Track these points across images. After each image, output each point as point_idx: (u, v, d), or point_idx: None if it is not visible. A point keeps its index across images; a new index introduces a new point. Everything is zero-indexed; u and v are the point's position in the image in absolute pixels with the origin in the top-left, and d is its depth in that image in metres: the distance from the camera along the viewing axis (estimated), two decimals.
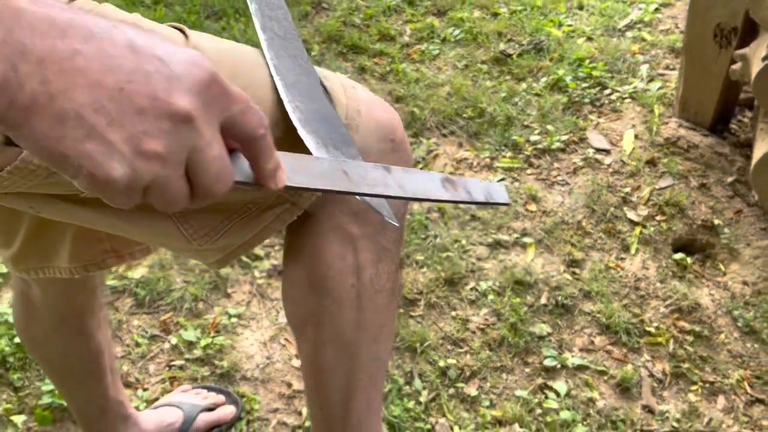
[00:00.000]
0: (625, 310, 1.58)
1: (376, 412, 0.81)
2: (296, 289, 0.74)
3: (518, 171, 1.89)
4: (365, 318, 0.72)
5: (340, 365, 0.74)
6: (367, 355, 0.74)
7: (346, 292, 0.70)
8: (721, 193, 1.83)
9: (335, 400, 0.76)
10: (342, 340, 0.72)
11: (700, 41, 1.84)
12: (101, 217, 0.69)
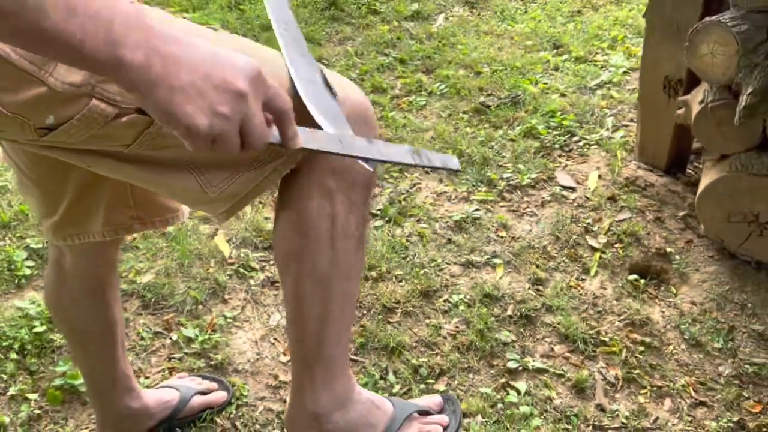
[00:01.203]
0: (583, 322, 1.74)
1: (344, 349, 0.98)
2: (283, 230, 0.92)
3: (492, 203, 2.09)
4: (338, 257, 0.90)
5: (316, 296, 0.91)
6: (339, 289, 0.92)
7: (323, 234, 0.89)
8: (674, 226, 2.02)
9: (311, 331, 0.94)
10: (318, 273, 0.90)
11: (652, 93, 2.09)
12: (139, 172, 0.89)
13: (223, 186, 0.90)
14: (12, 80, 0.76)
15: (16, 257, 1.74)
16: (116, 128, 0.82)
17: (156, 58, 0.60)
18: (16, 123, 0.80)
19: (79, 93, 0.78)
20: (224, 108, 0.63)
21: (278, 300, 1.76)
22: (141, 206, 1.10)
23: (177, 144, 0.85)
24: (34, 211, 1.13)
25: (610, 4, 3.47)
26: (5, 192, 1.95)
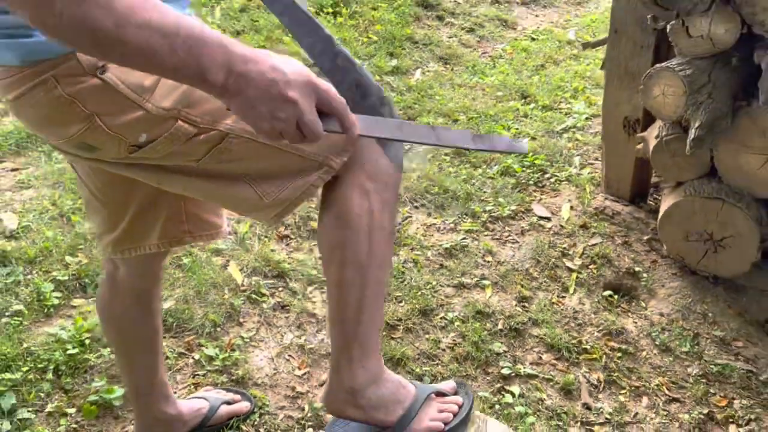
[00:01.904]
0: (566, 333, 1.94)
1: (376, 331, 1.15)
2: (328, 226, 1.10)
3: (477, 233, 2.30)
4: (374, 248, 1.08)
5: (355, 282, 1.09)
6: (374, 277, 1.10)
7: (362, 227, 1.07)
8: (640, 248, 2.26)
9: (350, 313, 1.11)
10: (358, 261, 1.08)
11: (614, 132, 2.36)
12: (205, 185, 1.07)
13: (276, 194, 1.08)
14: (117, 106, 0.95)
15: (44, 288, 1.87)
16: (193, 145, 1.01)
17: (233, 78, 0.80)
18: (115, 141, 0.98)
19: (168, 116, 0.97)
20: (281, 113, 0.83)
21: (289, 321, 1.92)
22: (192, 221, 1.27)
23: (238, 159, 1.04)
24: (96, 230, 1.27)
25: (569, 60, 3.81)
26: (29, 231, 2.08)
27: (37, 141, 2.45)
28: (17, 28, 0.89)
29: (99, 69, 0.92)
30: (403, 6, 3.96)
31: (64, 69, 0.91)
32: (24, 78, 0.92)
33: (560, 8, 4.53)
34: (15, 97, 0.95)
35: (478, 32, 4.01)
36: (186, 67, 0.77)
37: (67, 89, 0.92)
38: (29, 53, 0.91)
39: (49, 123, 0.99)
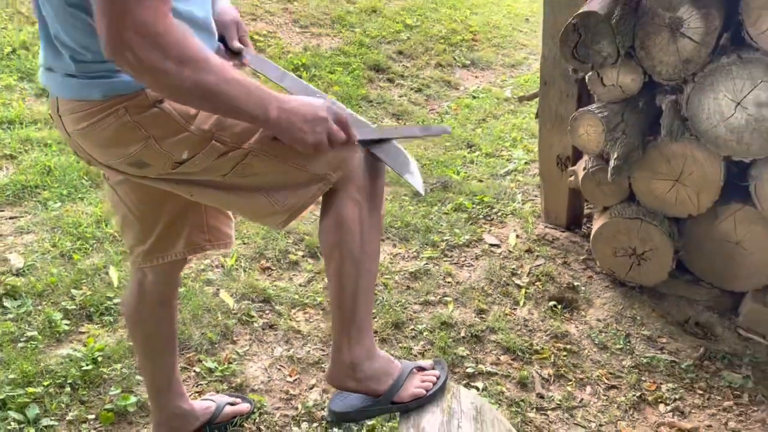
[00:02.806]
0: (519, 338, 2.24)
1: (369, 314, 1.43)
2: (328, 229, 1.38)
3: (437, 259, 2.62)
4: (365, 245, 1.37)
5: (352, 273, 1.37)
6: (366, 269, 1.38)
7: (356, 228, 1.36)
8: (577, 266, 2.61)
9: (347, 300, 1.38)
10: (354, 257, 1.36)
11: (549, 169, 2.74)
12: (228, 196, 1.35)
13: (286, 202, 1.37)
14: (169, 129, 1.23)
15: (54, 317, 2.06)
16: (222, 161, 1.29)
17: (282, 113, 1.12)
18: (164, 158, 1.26)
19: (206, 137, 1.26)
20: (318, 128, 1.16)
21: (278, 338, 2.16)
22: (211, 232, 1.54)
23: (256, 173, 1.33)
24: (130, 243, 1.50)
25: (507, 114, 4.26)
26: (34, 269, 2.27)
27: (33, 192, 2.66)
28: (100, 72, 1.17)
29: (158, 101, 1.21)
30: (357, 70, 4.37)
31: (134, 102, 1.20)
32: (101, 109, 1.20)
33: (497, 70, 5.04)
34: (89, 125, 1.22)
35: (426, 92, 4.44)
36: (254, 110, 1.10)
37: (134, 117, 1.20)
38: (110, 90, 1.18)
39: (113, 144, 1.25)
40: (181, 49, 1.01)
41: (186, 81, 1.02)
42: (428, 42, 5.04)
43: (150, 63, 1.00)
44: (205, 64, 1.04)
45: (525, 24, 5.92)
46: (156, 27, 0.98)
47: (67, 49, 1.18)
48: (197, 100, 1.08)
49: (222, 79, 1.05)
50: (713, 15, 1.98)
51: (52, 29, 1.19)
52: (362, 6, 5.31)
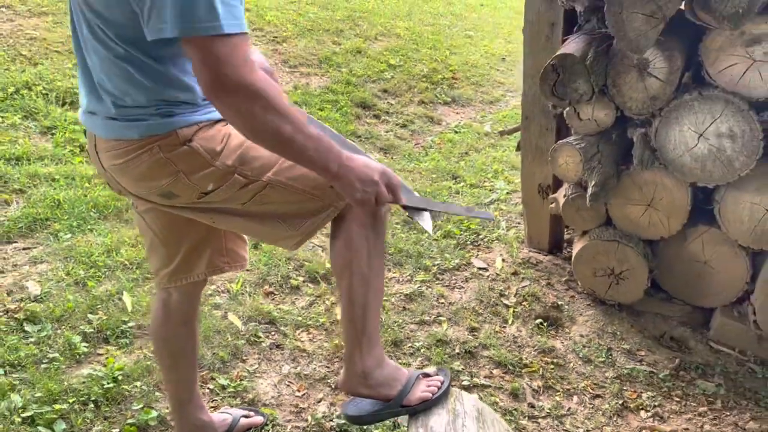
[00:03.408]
0: (509, 353, 2.41)
1: (378, 325, 1.58)
2: (338, 250, 1.54)
3: (429, 282, 2.79)
4: (373, 263, 1.53)
5: (361, 290, 1.52)
6: (374, 284, 1.54)
7: (363, 249, 1.52)
8: (561, 287, 2.80)
9: (358, 313, 1.54)
10: (363, 274, 1.52)
11: (531, 196, 2.95)
12: (246, 223, 1.51)
13: (299, 227, 1.53)
14: (197, 164, 1.39)
15: (74, 340, 2.18)
16: (243, 192, 1.45)
17: (341, 169, 1.30)
18: (191, 189, 1.41)
19: (229, 171, 1.42)
20: (369, 189, 1.33)
21: (285, 357, 2.30)
22: (230, 255, 1.70)
23: (273, 202, 1.49)
24: (155, 265, 1.64)
25: (488, 148, 4.49)
26: (51, 296, 2.39)
27: (44, 224, 2.79)
28: (138, 115, 1.33)
29: (188, 140, 1.37)
30: (345, 107, 4.58)
31: (167, 140, 1.35)
32: (137, 147, 1.35)
33: (476, 107, 5.29)
34: (125, 161, 1.37)
35: (410, 127, 4.66)
36: (318, 162, 1.28)
37: (166, 154, 1.36)
38: (146, 130, 1.34)
39: (147, 178, 1.40)
40: (268, 98, 1.19)
41: (268, 126, 1.20)
42: (411, 80, 5.30)
43: (242, 107, 1.17)
44: (287, 114, 1.22)
45: (501, 63, 6.22)
46: (248, 77, 1.16)
47: (109, 95, 1.33)
48: (271, 143, 1.25)
49: (298, 130, 1.23)
50: (676, 56, 2.22)
51: (96, 77, 1.35)
52: (348, 47, 5.56)
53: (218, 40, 1.15)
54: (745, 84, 2.14)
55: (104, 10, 1.25)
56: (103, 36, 1.27)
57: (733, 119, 2.16)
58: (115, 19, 1.25)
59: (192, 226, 1.60)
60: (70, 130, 3.51)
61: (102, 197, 3.00)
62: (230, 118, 1.22)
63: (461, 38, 6.64)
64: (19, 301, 2.34)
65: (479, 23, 7.47)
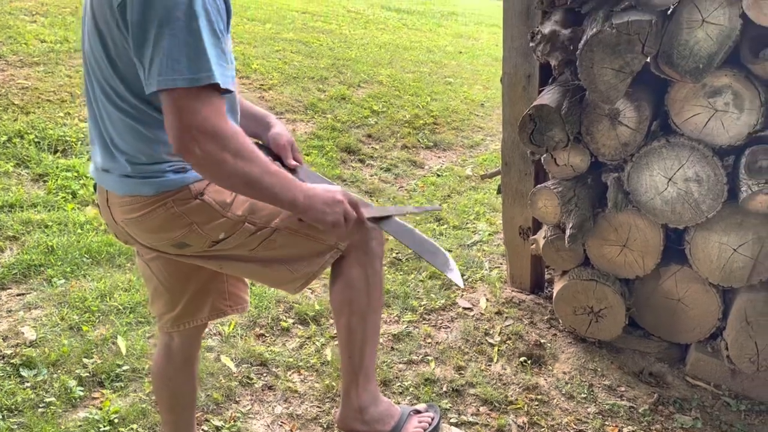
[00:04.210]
0: (495, 391, 2.49)
1: (374, 361, 1.67)
2: (338, 289, 1.63)
3: (416, 322, 2.87)
4: (370, 300, 1.63)
5: (359, 327, 1.61)
6: (372, 322, 1.63)
7: (362, 287, 1.62)
8: (543, 326, 2.90)
9: (356, 349, 1.62)
10: (361, 311, 1.61)
11: (513, 238, 3.07)
12: (252, 267, 1.60)
13: (303, 270, 1.63)
14: (209, 216, 1.49)
15: (69, 384, 2.22)
16: (252, 239, 1.55)
17: (306, 199, 1.39)
18: (203, 239, 1.51)
19: (239, 220, 1.52)
20: (337, 209, 1.42)
21: (277, 398, 2.36)
22: (232, 298, 1.78)
23: (278, 247, 1.58)
24: (159, 311, 1.71)
25: (469, 190, 4.63)
26: (47, 341, 2.44)
27: (37, 270, 2.84)
28: (152, 172, 1.42)
29: (200, 194, 1.47)
30: (330, 152, 4.71)
31: (180, 195, 1.45)
32: (153, 203, 1.44)
33: (457, 151, 5.46)
34: (140, 215, 1.46)
35: (394, 171, 4.79)
36: (286, 198, 1.36)
37: (180, 208, 1.45)
38: (160, 187, 1.43)
39: (161, 230, 1.49)
40: (236, 144, 1.28)
41: (238, 170, 1.29)
42: (394, 126, 5.46)
43: (212, 155, 1.26)
44: (253, 157, 1.31)
45: (480, 108, 6.43)
46: (217, 126, 1.25)
47: (123, 154, 1.42)
48: (242, 186, 1.34)
49: (264, 171, 1.33)
50: (644, 106, 2.38)
51: (108, 137, 1.44)
52: (332, 94, 5.73)
53: (191, 91, 1.21)
54: (709, 132, 2.29)
55: (114, 70, 1.35)
56: (115, 96, 1.37)
57: (699, 165, 2.31)
58: (125, 77, 1.35)
59: (196, 273, 1.68)
60: (62, 177, 3.59)
61: (95, 243, 3.06)
62: (200, 168, 1.28)
63: (442, 85, 6.86)
64: (15, 347, 2.38)
65: (458, 70, 7.72)
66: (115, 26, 1.29)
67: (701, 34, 2.15)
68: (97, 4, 1.32)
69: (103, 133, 1.44)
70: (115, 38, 1.31)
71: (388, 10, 11.45)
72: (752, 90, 2.19)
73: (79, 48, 5.16)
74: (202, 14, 1.23)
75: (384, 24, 9.97)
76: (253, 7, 8.62)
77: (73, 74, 4.78)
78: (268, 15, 8.37)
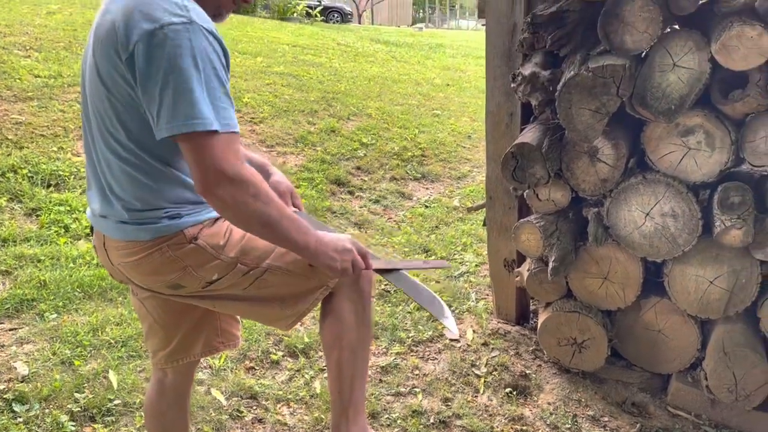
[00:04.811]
0: (481, 422, 2.53)
1: (364, 395, 1.72)
2: (329, 324, 1.69)
3: (405, 354, 2.92)
4: (360, 336, 1.68)
5: (350, 361, 1.67)
6: (361, 356, 1.69)
7: (353, 323, 1.67)
8: (528, 357, 2.96)
9: (346, 385, 1.67)
10: (351, 346, 1.67)
11: (498, 270, 3.14)
12: (245, 306, 1.66)
13: (294, 307, 1.68)
14: (203, 259, 1.55)
15: (61, 419, 2.25)
16: (245, 278, 1.61)
17: (319, 245, 1.47)
18: (197, 281, 1.56)
19: (232, 261, 1.58)
20: (345, 257, 1.50)
21: (267, 431, 2.39)
22: (224, 335, 1.83)
23: (270, 286, 1.64)
24: (153, 348, 1.75)
25: (457, 221, 4.71)
26: (39, 375, 2.47)
27: (30, 304, 2.88)
28: (149, 218, 1.48)
29: (194, 238, 1.53)
30: (320, 184, 4.80)
31: (175, 240, 1.51)
32: (149, 247, 1.50)
33: (445, 182, 5.56)
34: (137, 259, 1.52)
35: (383, 202, 4.88)
36: (299, 242, 1.44)
37: (175, 252, 1.51)
38: (156, 232, 1.49)
39: (157, 273, 1.55)
40: (255, 187, 1.36)
41: (256, 212, 1.36)
42: (383, 158, 5.56)
43: (233, 198, 1.33)
44: (271, 200, 1.38)
45: (467, 140, 6.55)
46: (237, 169, 1.33)
47: (121, 201, 1.49)
48: (259, 228, 1.40)
49: (281, 214, 1.40)
50: (621, 144, 2.48)
51: (107, 184, 1.51)
52: (322, 127, 5.84)
53: (212, 136, 1.31)
54: (683, 169, 2.39)
55: (118, 120, 1.42)
56: (116, 146, 1.44)
57: (674, 200, 2.40)
58: (129, 127, 1.42)
59: (190, 311, 1.74)
60: (54, 212, 3.64)
61: (87, 277, 3.11)
62: (222, 209, 1.36)
63: (429, 117, 6.99)
64: (8, 381, 2.41)
65: (446, 102, 7.87)
66: (121, 79, 1.36)
67: (673, 77, 2.26)
68: (102, 57, 1.39)
69: (102, 180, 1.50)
70: (121, 90, 1.38)
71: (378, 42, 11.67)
72: (723, 129, 2.29)
73: (73, 83, 5.26)
74: (207, 62, 1.31)
75: (373, 57, 10.16)
76: (245, 41, 8.77)
77: (67, 109, 4.86)
78: (259, 48, 8.52)
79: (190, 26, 1.31)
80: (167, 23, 1.30)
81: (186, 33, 1.30)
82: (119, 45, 1.34)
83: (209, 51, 1.33)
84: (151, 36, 1.29)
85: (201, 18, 1.35)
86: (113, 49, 1.35)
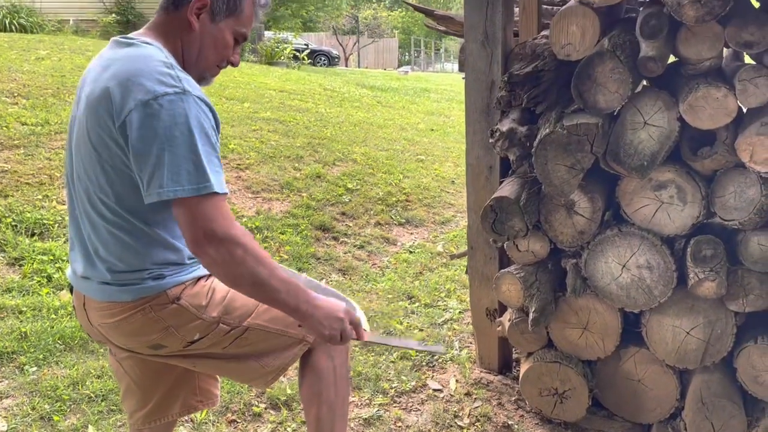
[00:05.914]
0: None
1: None
2: (308, 381, 1.71)
3: (387, 405, 2.92)
4: (339, 390, 1.70)
5: (328, 417, 1.68)
6: (339, 412, 1.70)
7: (330, 378, 1.69)
8: (511, 407, 2.96)
9: None
10: (329, 402, 1.68)
11: (480, 320, 3.17)
12: (225, 364, 1.67)
13: (273, 363, 1.70)
14: (185, 319, 1.57)
15: None
16: (226, 338, 1.63)
17: (310, 308, 1.49)
18: (179, 340, 1.58)
19: (214, 321, 1.61)
20: (335, 325, 1.52)
21: None
22: (202, 393, 1.84)
23: (250, 343, 1.67)
24: (131, 408, 1.75)
25: (441, 267, 4.75)
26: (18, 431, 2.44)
27: (10, 357, 2.85)
28: (132, 279, 1.51)
29: (176, 298, 1.55)
30: (305, 230, 4.83)
31: (158, 300, 1.53)
32: (131, 308, 1.52)
33: (429, 227, 5.61)
34: (118, 321, 1.53)
35: (367, 248, 4.91)
36: (290, 303, 1.46)
37: (158, 312, 1.54)
38: (139, 293, 1.52)
39: (138, 334, 1.57)
40: (246, 247, 1.39)
41: (246, 271, 1.39)
42: (368, 203, 5.62)
43: (224, 257, 1.36)
44: (262, 259, 1.41)
45: (451, 185, 6.64)
46: (228, 230, 1.37)
47: (104, 262, 1.51)
48: (249, 287, 1.42)
49: (271, 274, 1.43)
50: (597, 198, 2.54)
51: (91, 246, 1.53)
52: (307, 173, 5.90)
53: (207, 198, 1.36)
54: (657, 222, 2.45)
55: (107, 183, 1.46)
56: (103, 208, 1.48)
57: (649, 253, 2.46)
58: (116, 190, 1.46)
59: (168, 371, 1.75)
60: (38, 261, 3.63)
61: (68, 328, 3.09)
62: (214, 268, 1.39)
63: (413, 162, 7.09)
64: None
65: (430, 147, 7.99)
66: (113, 143, 1.41)
67: (644, 135, 2.34)
68: (94, 123, 1.43)
69: (86, 242, 1.53)
70: (112, 154, 1.42)
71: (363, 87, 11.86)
72: (693, 184, 2.37)
73: (60, 130, 5.30)
74: (200, 129, 1.37)
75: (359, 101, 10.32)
76: (232, 86, 8.90)
77: (53, 156, 4.89)
78: (246, 94, 8.64)
79: (184, 96, 1.37)
80: (161, 94, 1.35)
81: (180, 102, 1.35)
82: (114, 111, 1.38)
83: (202, 118, 1.38)
84: (146, 106, 1.35)
85: (193, 87, 1.41)
86: (107, 114, 1.40)
